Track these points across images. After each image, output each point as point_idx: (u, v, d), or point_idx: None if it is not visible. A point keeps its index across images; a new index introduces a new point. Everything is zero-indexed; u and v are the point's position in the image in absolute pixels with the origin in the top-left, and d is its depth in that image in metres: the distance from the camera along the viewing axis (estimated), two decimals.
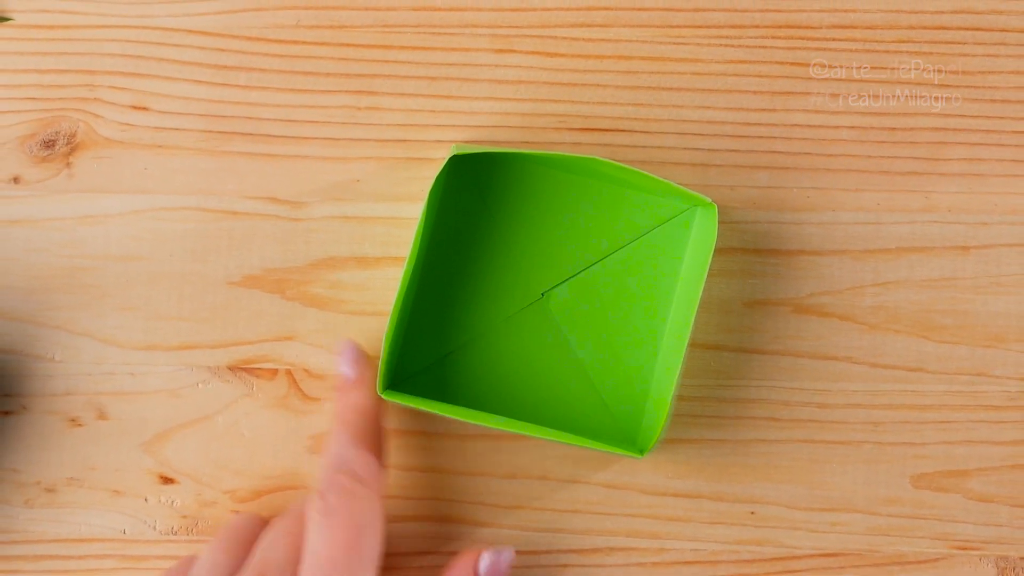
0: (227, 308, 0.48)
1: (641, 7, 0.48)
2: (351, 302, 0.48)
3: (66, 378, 0.48)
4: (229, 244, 0.48)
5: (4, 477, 0.48)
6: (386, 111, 0.48)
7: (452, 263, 0.48)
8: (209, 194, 0.48)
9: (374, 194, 0.48)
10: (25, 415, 0.48)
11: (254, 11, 0.48)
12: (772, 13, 0.48)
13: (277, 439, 0.48)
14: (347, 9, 0.48)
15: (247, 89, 0.48)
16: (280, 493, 0.48)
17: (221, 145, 0.48)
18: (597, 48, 0.48)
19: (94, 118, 0.48)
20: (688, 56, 0.48)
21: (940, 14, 0.48)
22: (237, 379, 0.48)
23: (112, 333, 0.48)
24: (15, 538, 0.48)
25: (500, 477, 0.48)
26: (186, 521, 0.48)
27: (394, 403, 0.46)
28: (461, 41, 0.48)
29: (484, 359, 0.48)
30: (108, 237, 0.48)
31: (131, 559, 0.48)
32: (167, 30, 0.48)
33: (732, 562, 0.48)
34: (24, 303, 0.48)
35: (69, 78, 0.48)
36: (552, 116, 0.48)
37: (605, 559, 0.48)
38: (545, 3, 0.48)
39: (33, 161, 0.48)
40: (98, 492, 0.48)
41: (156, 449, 0.48)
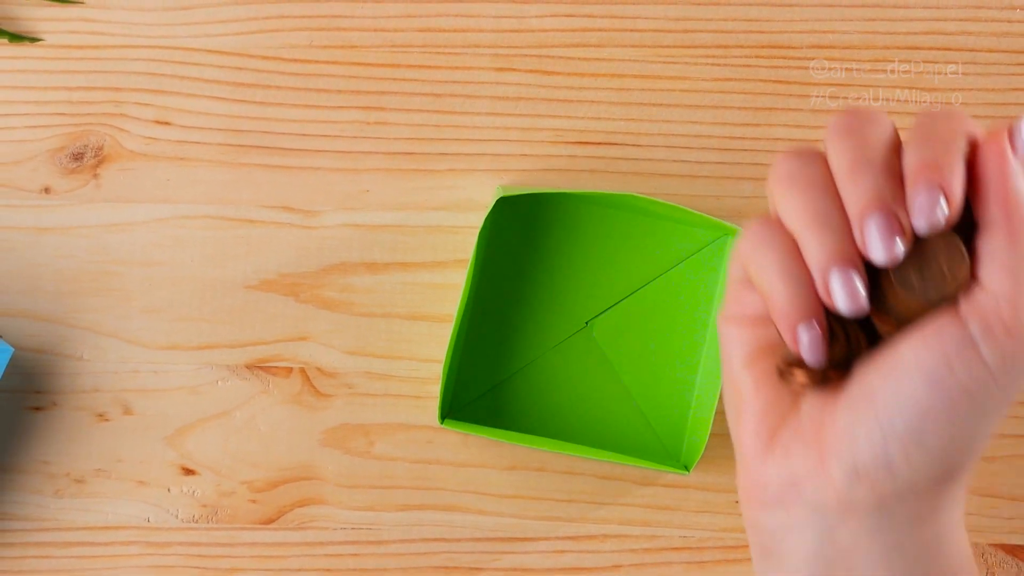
0: (244, 310, 0.50)
1: (633, 28, 0.50)
2: (361, 305, 0.50)
3: (94, 376, 0.49)
4: (246, 250, 0.50)
5: (35, 469, 0.49)
6: (393, 125, 0.50)
7: (501, 297, 0.49)
8: (227, 203, 0.50)
9: (382, 203, 0.50)
10: (55, 411, 0.49)
11: (270, 32, 0.50)
12: (756, 34, 0.50)
13: (292, 433, 0.50)
14: (357, 30, 0.50)
15: (263, 105, 0.50)
16: (295, 484, 0.49)
17: (239, 157, 0.50)
18: (591, 67, 0.50)
19: (120, 132, 0.50)
20: (677, 74, 0.50)
21: (913, 35, 0.50)
22: (254, 377, 0.50)
23: (137, 334, 0.50)
24: (46, 526, 0.49)
25: (501, 469, 0.50)
26: (206, 510, 0.49)
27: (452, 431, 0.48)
28: (464, 60, 0.50)
29: (534, 386, 0.50)
30: (133, 244, 0.50)
31: (155, 546, 0.49)
32: (188, 50, 0.50)
33: (718, 548, 0.50)
34: (54, 306, 0.50)
35: (96, 95, 0.50)
36: (549, 130, 0.50)
37: (599, 546, 0.50)
38: (543, 24, 0.50)
39: (62, 172, 0.50)
40: (124, 483, 0.49)
41: (178, 442, 0.49)
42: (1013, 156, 0.34)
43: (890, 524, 0.35)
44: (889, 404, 0.34)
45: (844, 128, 0.35)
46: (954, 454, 0.34)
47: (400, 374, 0.50)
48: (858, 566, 0.36)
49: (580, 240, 0.49)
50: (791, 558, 0.36)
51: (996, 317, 0.33)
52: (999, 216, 0.34)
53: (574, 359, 0.50)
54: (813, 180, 0.34)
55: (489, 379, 0.49)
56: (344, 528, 0.49)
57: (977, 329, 0.33)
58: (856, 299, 0.33)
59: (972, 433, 0.34)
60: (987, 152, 0.34)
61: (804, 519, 0.36)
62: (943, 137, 0.34)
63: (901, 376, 0.34)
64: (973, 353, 0.33)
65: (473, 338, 0.49)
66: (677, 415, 0.49)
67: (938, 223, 0.33)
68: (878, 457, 0.34)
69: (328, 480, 0.50)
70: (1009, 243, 0.33)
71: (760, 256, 0.35)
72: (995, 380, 0.34)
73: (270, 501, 0.49)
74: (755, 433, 0.37)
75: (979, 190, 0.34)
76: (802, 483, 0.36)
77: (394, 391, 0.50)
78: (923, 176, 0.33)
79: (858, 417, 0.35)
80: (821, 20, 0.50)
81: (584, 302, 0.50)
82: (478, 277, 0.49)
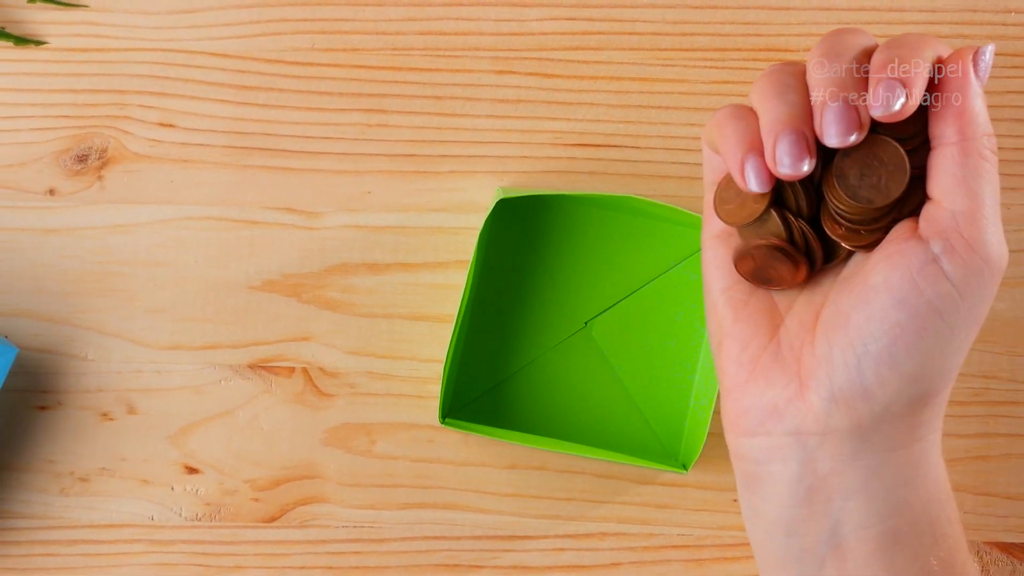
0: (247, 311, 0.50)
1: (632, 31, 0.50)
2: (363, 305, 0.50)
3: (98, 376, 0.50)
4: (249, 251, 0.50)
5: (41, 467, 0.49)
6: (395, 128, 0.50)
7: (501, 298, 0.50)
8: (231, 205, 0.50)
9: (384, 204, 0.50)
10: (60, 410, 0.50)
11: (273, 35, 0.50)
12: (753, 37, 0.50)
13: (294, 432, 0.50)
14: (359, 33, 0.50)
15: (266, 107, 0.50)
16: (297, 482, 0.49)
17: (242, 159, 0.50)
18: (590, 69, 0.50)
19: (124, 134, 0.50)
20: (675, 77, 0.50)
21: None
22: (257, 376, 0.50)
23: (141, 334, 0.50)
24: (51, 524, 0.49)
25: (501, 468, 0.50)
26: (209, 508, 0.49)
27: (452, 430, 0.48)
28: (464, 63, 0.50)
29: (534, 385, 0.50)
30: (137, 245, 0.50)
31: (158, 543, 0.49)
32: (192, 53, 0.50)
33: (716, 546, 0.50)
34: (59, 306, 0.50)
35: (101, 97, 0.50)
36: (549, 132, 0.50)
37: (598, 543, 0.50)
38: (542, 28, 0.50)
39: (67, 174, 0.50)
40: (128, 481, 0.49)
41: (181, 441, 0.50)
42: (975, 77, 0.35)
43: (868, 449, 0.36)
44: (861, 328, 0.35)
45: (827, 34, 0.36)
46: (927, 376, 0.35)
47: (401, 374, 0.50)
48: (838, 491, 0.37)
49: (579, 241, 0.49)
50: (773, 484, 0.37)
51: (956, 233, 0.34)
52: (954, 132, 0.34)
53: (573, 359, 0.50)
54: (783, 71, 0.36)
55: (489, 379, 0.50)
56: (346, 526, 0.50)
57: (939, 246, 0.34)
58: (798, 162, 0.34)
59: (943, 353, 0.35)
60: (949, 70, 0.35)
61: (785, 446, 0.37)
62: (911, 44, 0.35)
63: (871, 299, 0.35)
64: (936, 269, 0.34)
65: (473, 338, 0.50)
66: (675, 415, 0.50)
67: (894, 113, 0.33)
68: (854, 382, 0.35)
69: (330, 479, 0.50)
70: (963, 159, 0.34)
71: (723, 126, 0.36)
72: (960, 295, 0.34)
73: (273, 499, 0.50)
74: (737, 361, 0.38)
75: (939, 109, 0.35)
76: (783, 410, 0.36)
77: (395, 391, 0.50)
78: (886, 70, 0.34)
79: (833, 344, 0.35)
80: (818, 23, 0.50)
81: (583, 303, 0.50)
82: (478, 278, 0.49)
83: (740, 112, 0.36)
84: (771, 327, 0.38)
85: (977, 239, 0.34)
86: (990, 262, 0.35)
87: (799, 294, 0.38)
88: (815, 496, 0.37)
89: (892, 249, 0.35)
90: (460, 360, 0.49)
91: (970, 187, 0.34)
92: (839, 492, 0.36)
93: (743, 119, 0.36)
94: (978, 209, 0.34)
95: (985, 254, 0.34)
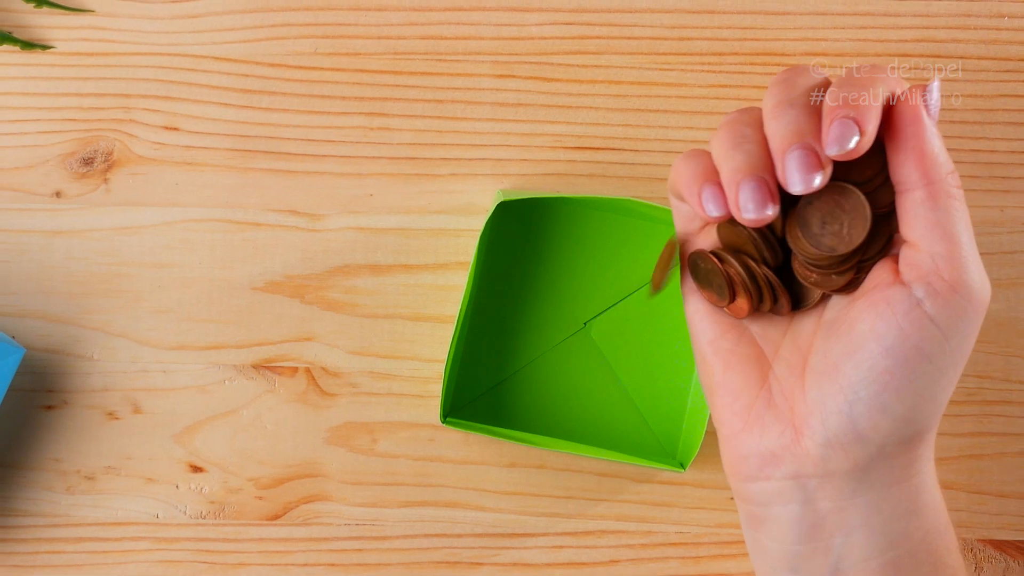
0: (251, 311, 0.50)
1: (630, 36, 0.50)
2: (365, 306, 0.50)
3: (104, 375, 0.50)
4: (253, 253, 0.50)
5: (47, 466, 0.50)
6: (396, 131, 0.50)
7: (501, 299, 0.50)
8: (235, 207, 0.50)
9: (386, 207, 0.50)
10: (66, 409, 0.50)
11: (276, 40, 0.50)
12: (750, 41, 0.50)
13: (297, 431, 0.50)
14: (361, 38, 0.50)
15: (269, 111, 0.50)
16: (300, 481, 0.50)
17: (246, 162, 0.50)
18: (590, 73, 0.50)
19: (129, 138, 0.50)
20: (673, 81, 0.51)
21: (904, 43, 0.50)
22: (260, 376, 0.50)
23: (146, 334, 0.50)
24: (57, 522, 0.50)
25: (501, 466, 0.50)
26: (214, 506, 0.50)
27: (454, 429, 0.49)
28: (465, 67, 0.50)
29: (533, 385, 0.50)
30: (142, 246, 0.50)
31: (163, 541, 0.50)
32: (196, 57, 0.50)
33: (713, 543, 0.50)
34: (66, 307, 0.50)
35: (106, 101, 0.50)
36: (548, 136, 0.50)
37: (597, 541, 0.50)
38: (542, 32, 0.50)
39: (74, 177, 0.50)
40: (133, 480, 0.50)
41: (186, 440, 0.50)
42: (927, 117, 0.35)
43: (867, 487, 0.37)
44: (851, 376, 0.35)
45: (776, 79, 0.36)
46: (918, 416, 0.36)
47: (403, 374, 0.50)
48: (839, 527, 0.37)
49: (578, 243, 0.50)
50: (776, 524, 0.38)
51: (936, 276, 0.34)
52: (918, 177, 0.34)
53: (572, 359, 0.50)
54: (740, 120, 0.36)
55: (489, 379, 0.50)
56: (348, 524, 0.50)
57: (921, 290, 0.35)
58: (761, 208, 0.34)
59: (932, 392, 0.36)
60: (902, 114, 0.35)
61: (786, 489, 0.37)
62: (860, 81, 0.35)
63: (859, 348, 0.35)
64: (921, 314, 0.34)
65: (474, 338, 0.50)
66: (673, 414, 0.50)
67: (849, 151, 0.33)
68: (847, 427, 0.36)
69: (332, 477, 0.50)
70: (932, 203, 0.34)
71: (679, 169, 0.37)
72: (946, 337, 0.35)
73: (276, 498, 0.50)
74: (731, 411, 0.38)
75: (897, 152, 0.35)
76: (780, 456, 0.37)
77: (397, 390, 0.50)
78: (839, 110, 0.34)
79: (825, 391, 0.36)
80: (814, 28, 0.50)
81: (582, 303, 0.50)
82: (479, 279, 0.50)
83: (694, 153, 0.37)
84: (760, 375, 0.38)
85: (958, 279, 0.35)
86: (972, 300, 0.35)
87: (783, 339, 0.39)
88: (817, 533, 0.37)
89: (876, 296, 0.36)
90: (461, 360, 0.50)
91: (944, 229, 0.35)
92: (840, 528, 0.37)
93: (697, 158, 0.36)
94: (956, 249, 0.35)
95: (967, 293, 0.35)
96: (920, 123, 0.34)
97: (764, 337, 0.39)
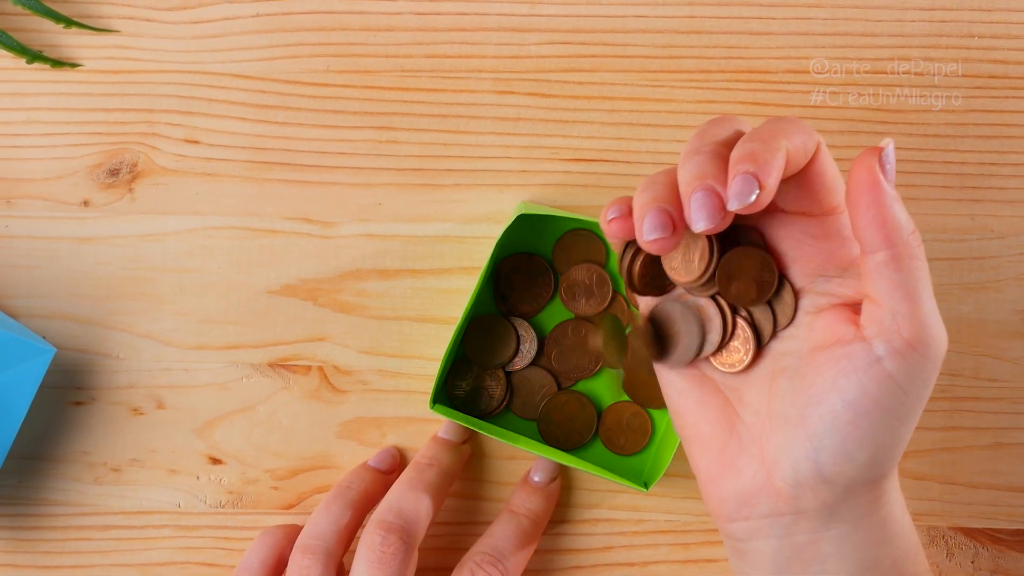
0: (267, 313, 0.51)
1: (623, 55, 0.51)
2: (374, 308, 0.51)
3: (129, 373, 0.51)
4: (269, 258, 0.51)
5: (76, 459, 0.51)
6: (404, 144, 0.51)
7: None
8: (252, 215, 0.51)
9: (393, 215, 0.51)
10: (94, 405, 0.51)
11: (291, 58, 0.51)
12: (735, 60, 0.51)
13: (310, 426, 0.51)
14: (370, 56, 0.51)
15: (284, 125, 0.51)
16: (314, 472, 0.51)
17: (262, 173, 0.51)
18: (585, 90, 0.51)
19: (152, 150, 0.51)
20: (663, 97, 0.51)
21: (879, 60, 0.51)
22: (276, 374, 0.51)
23: (169, 335, 0.51)
24: (86, 511, 0.51)
25: (502, 459, 0.51)
26: (232, 496, 0.51)
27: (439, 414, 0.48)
28: (468, 84, 0.51)
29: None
30: (165, 252, 0.51)
31: (185, 529, 0.51)
32: (215, 74, 0.51)
33: (700, 531, 0.51)
34: (94, 309, 0.51)
35: (131, 116, 0.51)
36: (546, 148, 0.51)
37: (592, 528, 0.51)
38: (540, 51, 0.51)
39: (100, 187, 0.51)
40: (157, 471, 0.51)
41: (207, 434, 0.51)
42: (885, 182, 0.35)
43: (837, 520, 0.37)
44: (815, 426, 0.36)
45: (696, 131, 0.37)
46: (880, 461, 0.36)
47: (410, 372, 0.51)
48: (815, 557, 0.38)
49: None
50: (758, 556, 0.39)
51: (896, 334, 0.35)
52: (881, 241, 0.35)
53: None
54: (655, 175, 0.37)
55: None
56: None
57: (882, 348, 0.35)
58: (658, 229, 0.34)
59: (893, 440, 0.36)
60: (860, 180, 0.34)
61: (764, 526, 0.38)
62: (765, 136, 0.34)
63: (822, 400, 0.36)
64: (881, 370, 0.35)
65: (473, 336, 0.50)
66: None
67: (749, 204, 0.33)
68: (814, 471, 0.36)
69: (344, 469, 0.51)
70: (894, 264, 0.35)
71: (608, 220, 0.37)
72: (905, 392, 0.35)
73: (291, 488, 0.51)
74: (707, 458, 0.39)
75: (858, 217, 0.35)
76: (756, 498, 0.38)
77: (404, 387, 0.51)
78: (741, 164, 0.33)
79: (792, 438, 0.37)
80: (795, 47, 0.51)
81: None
82: (487, 281, 0.50)
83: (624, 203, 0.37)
84: (728, 423, 0.39)
85: (916, 338, 0.35)
86: (929, 357, 0.35)
87: (745, 387, 0.39)
88: (794, 564, 0.38)
89: (838, 352, 0.36)
90: (457, 354, 0.50)
91: (905, 289, 0.35)
92: (816, 558, 0.38)
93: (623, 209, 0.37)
94: (915, 308, 0.35)
95: (924, 351, 0.35)
96: (878, 189, 0.34)
97: (726, 386, 0.40)
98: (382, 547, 0.43)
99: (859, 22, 0.52)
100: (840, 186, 0.37)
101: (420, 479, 0.46)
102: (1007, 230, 0.52)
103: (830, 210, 0.37)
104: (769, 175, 0.33)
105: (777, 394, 0.38)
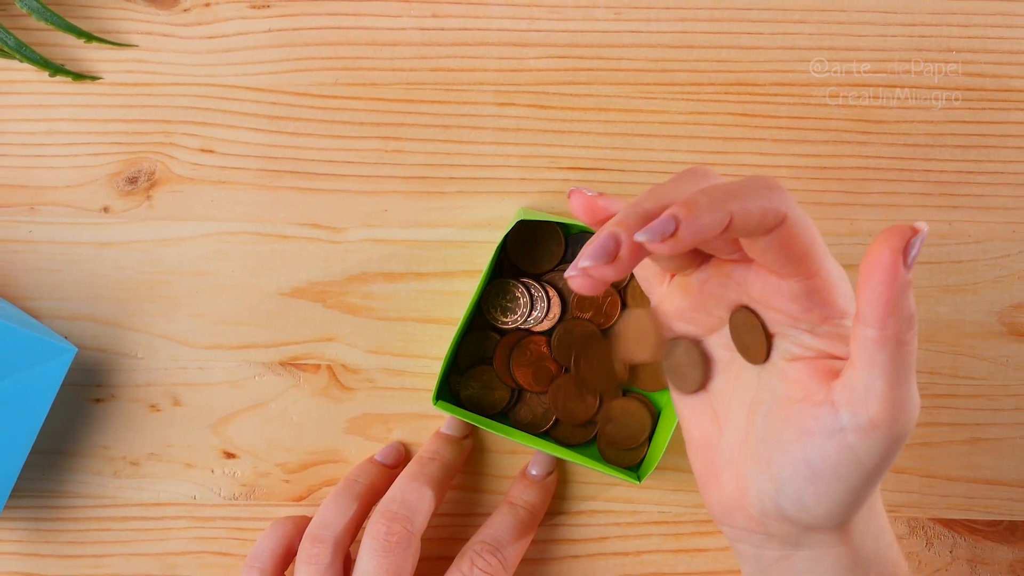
0: (278, 314, 0.52)
1: (618, 68, 0.52)
2: (380, 310, 0.52)
3: (147, 372, 0.51)
4: (280, 262, 0.52)
5: (96, 453, 0.51)
6: (409, 153, 0.52)
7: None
8: (264, 221, 0.52)
9: (399, 221, 0.52)
10: (114, 402, 0.52)
11: (301, 71, 0.52)
12: (725, 73, 0.52)
13: (319, 422, 0.52)
14: (377, 70, 0.52)
15: (295, 135, 0.51)
16: (323, 465, 0.51)
17: (274, 181, 0.52)
18: (581, 102, 0.52)
19: (169, 159, 0.51)
20: (656, 108, 0.52)
21: (862, 73, 0.52)
22: (287, 373, 0.52)
23: (185, 335, 0.52)
24: (105, 503, 0.51)
25: (503, 453, 0.52)
26: (245, 489, 0.52)
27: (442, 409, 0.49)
28: (470, 96, 0.52)
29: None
30: (181, 257, 0.51)
31: (200, 520, 0.52)
32: (229, 87, 0.52)
33: (692, 522, 0.52)
34: (113, 311, 0.52)
35: (149, 126, 0.51)
36: (544, 157, 0.52)
37: (588, 520, 0.52)
38: (539, 65, 0.52)
39: (119, 194, 0.51)
40: (173, 465, 0.51)
41: (221, 430, 0.52)
42: (903, 268, 0.33)
43: (806, 546, 0.38)
44: (779, 470, 0.36)
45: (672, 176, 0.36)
46: (837, 515, 0.36)
47: (414, 370, 0.52)
48: (791, 570, 0.39)
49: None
50: (742, 557, 0.40)
51: (863, 408, 0.34)
52: (874, 319, 0.33)
53: None
54: None
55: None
56: None
57: (848, 419, 0.34)
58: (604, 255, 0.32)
59: (851, 499, 0.36)
60: (879, 257, 0.33)
61: (743, 535, 0.39)
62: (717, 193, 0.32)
63: (787, 449, 0.36)
64: (842, 439, 0.35)
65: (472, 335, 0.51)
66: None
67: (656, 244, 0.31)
68: (775, 509, 0.37)
69: (352, 462, 0.51)
70: (879, 344, 0.33)
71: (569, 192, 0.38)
72: (862, 464, 0.35)
73: (301, 481, 0.51)
74: (701, 462, 0.40)
75: (864, 287, 0.33)
76: (734, 510, 0.39)
77: (409, 385, 0.52)
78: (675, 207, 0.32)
79: (759, 472, 0.37)
80: (782, 60, 0.52)
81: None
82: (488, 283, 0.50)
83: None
84: (715, 437, 0.40)
85: (882, 418, 0.34)
86: (892, 438, 0.34)
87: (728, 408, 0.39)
88: (774, 571, 0.39)
89: (806, 411, 0.35)
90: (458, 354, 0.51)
91: (883, 369, 0.33)
92: (792, 571, 0.39)
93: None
94: (890, 390, 0.33)
95: (888, 430, 0.34)
96: (894, 273, 0.32)
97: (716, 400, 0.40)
98: (386, 536, 0.44)
99: (843, 37, 0.53)
100: (817, 254, 0.35)
101: (423, 472, 0.47)
102: (983, 235, 0.53)
103: (804, 275, 0.35)
104: (692, 224, 0.31)
105: (752, 428, 0.38)
